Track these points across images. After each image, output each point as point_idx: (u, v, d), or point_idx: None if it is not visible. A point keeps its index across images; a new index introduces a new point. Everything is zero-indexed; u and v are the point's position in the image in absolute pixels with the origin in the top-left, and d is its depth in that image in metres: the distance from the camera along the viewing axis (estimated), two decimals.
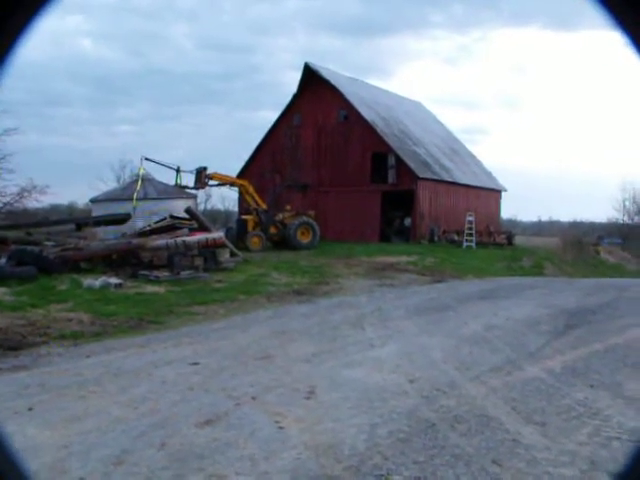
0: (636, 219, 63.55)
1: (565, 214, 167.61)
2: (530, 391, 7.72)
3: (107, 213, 26.88)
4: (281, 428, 5.93)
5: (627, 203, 63.40)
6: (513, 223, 77.90)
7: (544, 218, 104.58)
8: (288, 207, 32.69)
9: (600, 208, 74.27)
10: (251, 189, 31.15)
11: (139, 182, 28.41)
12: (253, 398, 6.85)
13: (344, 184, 39.93)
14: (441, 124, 53.39)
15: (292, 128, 42.39)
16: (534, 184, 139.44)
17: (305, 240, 31.56)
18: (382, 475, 5.01)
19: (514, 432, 6.26)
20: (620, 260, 48.40)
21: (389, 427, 6.14)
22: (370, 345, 9.91)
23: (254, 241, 29.63)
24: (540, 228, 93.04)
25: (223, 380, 7.59)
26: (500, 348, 10.01)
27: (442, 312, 13.65)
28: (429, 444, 5.77)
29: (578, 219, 76.59)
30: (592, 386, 8.17)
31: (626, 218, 64.15)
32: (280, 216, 31.71)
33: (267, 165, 41.84)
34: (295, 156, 41.33)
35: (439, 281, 22.51)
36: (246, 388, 7.21)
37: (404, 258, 29.59)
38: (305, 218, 31.98)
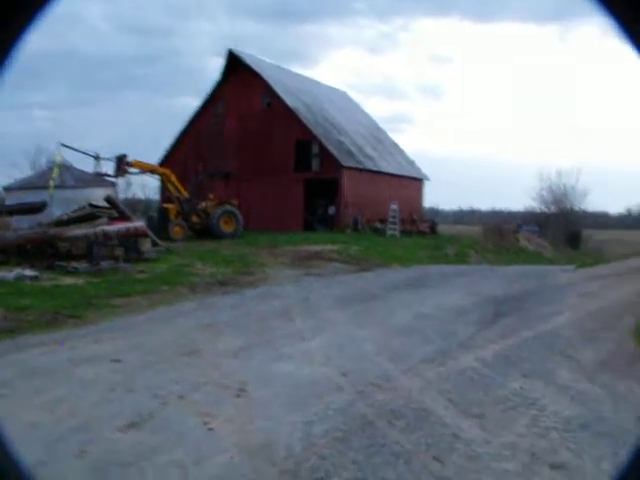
0: (552, 208, 65.38)
1: (484, 203, 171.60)
2: (465, 382, 7.60)
3: (21, 201, 25.64)
4: (211, 429, 5.56)
5: (544, 193, 65.16)
6: (435, 212, 79.07)
7: (464, 207, 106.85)
8: (211, 196, 32.03)
9: (518, 197, 76.47)
10: (173, 177, 30.36)
11: (56, 169, 27.17)
12: (180, 397, 6.44)
13: (268, 172, 39.45)
14: (365, 113, 53.49)
15: (215, 115, 41.57)
16: (455, 173, 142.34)
17: (228, 229, 31.01)
18: (321, 478, 4.73)
19: (453, 426, 6.09)
20: (538, 247, 49.74)
21: (325, 425, 5.86)
22: (300, 337, 9.62)
23: (176, 230, 28.90)
24: (461, 217, 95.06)
25: (147, 378, 7.14)
26: (431, 338, 9.89)
27: (370, 302, 13.50)
28: (367, 442, 5.52)
29: (497, 208, 78.54)
30: (525, 375, 8.13)
31: (543, 207, 65.93)
32: (203, 205, 31.03)
33: (190, 153, 40.88)
34: (218, 144, 40.53)
35: (365, 270, 22.44)
36: (172, 386, 6.79)
37: (329, 247, 29.41)
38: (228, 207, 31.42)
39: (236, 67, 40.53)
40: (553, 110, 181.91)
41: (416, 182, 49.57)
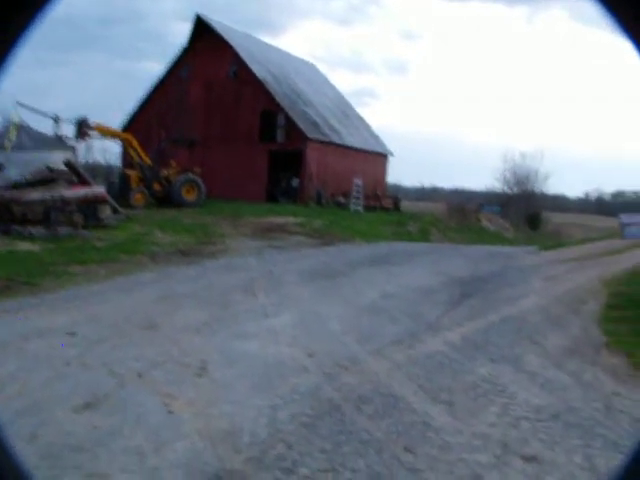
0: (514, 189, 65.92)
1: (446, 182, 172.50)
2: (434, 366, 7.41)
3: None
4: (171, 412, 5.25)
5: (507, 174, 65.61)
6: (397, 188, 79.10)
7: (427, 184, 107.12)
8: (173, 163, 31.34)
9: (479, 177, 77.05)
10: (135, 143, 29.57)
11: (12, 130, 26.18)
12: (139, 375, 6.11)
13: (232, 142, 38.80)
14: (332, 86, 52.90)
15: (181, 82, 40.57)
16: (418, 150, 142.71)
17: (190, 198, 30.46)
18: (288, 468, 4.48)
19: (423, 413, 5.89)
20: (499, 228, 50.20)
21: (291, 409, 5.60)
22: (264, 314, 9.33)
23: (137, 198, 28.25)
24: (422, 194, 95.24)
25: (104, 353, 6.78)
26: (399, 318, 9.70)
27: (336, 278, 13.26)
28: (335, 429, 5.28)
29: (459, 187, 78.93)
30: (493, 360, 7.98)
31: (506, 188, 66.43)
32: (165, 172, 30.36)
33: (153, 119, 39.80)
34: (182, 111, 39.64)
35: (328, 244, 22.22)
36: (130, 363, 6.45)
37: (292, 219, 29.12)
38: (191, 175, 30.82)
39: (203, 33, 39.52)
40: (518, 92, 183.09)
41: (381, 157, 49.36)
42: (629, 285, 15.06)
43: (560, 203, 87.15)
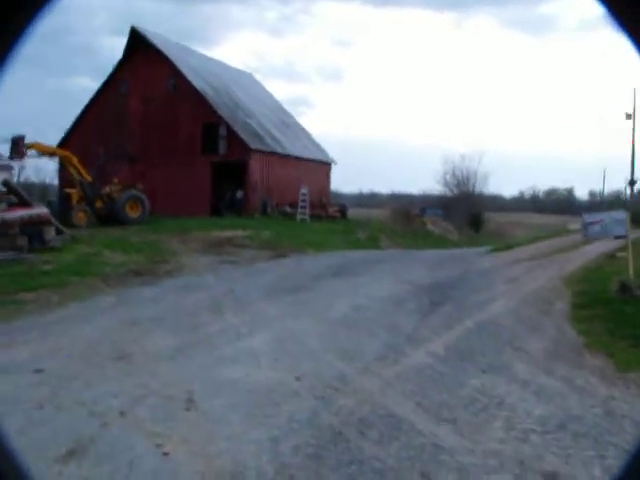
0: (455, 191, 66.72)
1: (384, 187, 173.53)
2: (426, 381, 7.12)
3: None
4: (166, 454, 4.78)
5: (448, 176, 66.37)
6: (337, 195, 79.21)
7: (365, 190, 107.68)
8: (115, 180, 30.41)
9: (417, 181, 77.91)
10: (75, 160, 28.55)
11: None
12: (121, 414, 5.59)
13: (174, 156, 37.92)
14: (271, 96, 52.49)
15: (118, 96, 39.49)
16: (356, 157, 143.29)
17: (134, 215, 29.60)
18: None
19: (429, 434, 5.58)
20: (443, 230, 50.60)
21: (292, 440, 5.21)
22: (237, 334, 8.87)
23: (80, 216, 27.26)
24: (361, 200, 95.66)
25: (78, 391, 6.22)
26: (376, 332, 9.38)
27: (300, 292, 12.87)
28: (344, 459, 4.91)
29: (397, 191, 79.64)
30: (484, 371, 7.76)
31: (447, 190, 67.18)
32: (107, 189, 29.42)
33: (91, 135, 38.52)
34: (121, 126, 38.59)
35: (282, 256, 21.81)
36: (109, 400, 5.93)
37: (240, 232, 28.54)
38: (134, 191, 29.95)
39: (140, 46, 38.49)
40: (451, 95, 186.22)
41: (323, 166, 49.14)
42: (589, 283, 15.15)
43: (497, 203, 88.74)
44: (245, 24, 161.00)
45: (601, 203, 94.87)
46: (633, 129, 50.57)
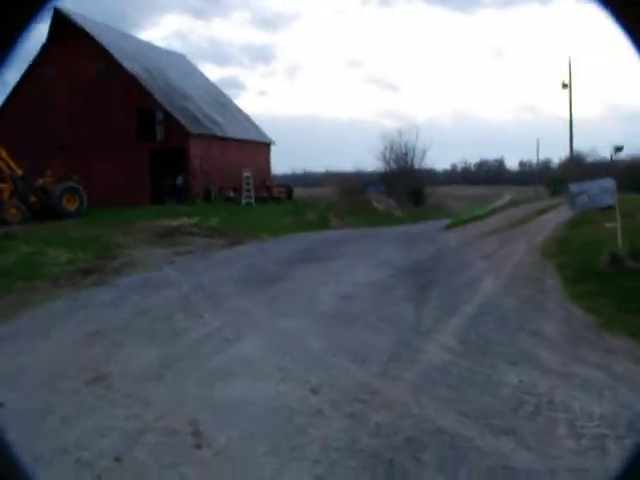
0: (393, 166, 66.28)
1: (317, 165, 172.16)
2: (457, 382, 6.20)
3: None
4: None
5: (387, 152, 65.80)
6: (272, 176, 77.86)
7: (298, 170, 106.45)
8: (49, 172, 28.52)
9: (350, 158, 77.35)
10: (4, 154, 26.59)
11: None
12: (117, 460, 4.46)
13: (108, 144, 35.93)
14: (206, 78, 50.66)
15: (43, 83, 37.09)
16: (289, 136, 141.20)
17: (71, 208, 27.94)
18: None
19: (493, 452, 4.67)
20: (388, 207, 49.94)
21: (339, 476, 4.20)
22: (225, 340, 7.75)
23: (12, 213, 25.43)
24: (295, 180, 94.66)
25: (54, 431, 5.02)
26: (377, 325, 8.42)
27: (276, 283, 11.80)
28: None
29: (330, 169, 78.91)
30: (512, 363, 6.90)
31: (386, 166, 66.67)
32: (40, 182, 27.60)
33: (17, 126, 36.06)
34: (50, 114, 36.25)
35: (238, 243, 20.68)
36: (98, 442, 4.76)
37: (186, 220, 27.23)
38: (70, 183, 28.22)
39: (65, 29, 36.11)
40: (380, 71, 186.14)
41: (264, 147, 47.84)
42: (569, 255, 14.54)
43: (431, 177, 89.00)
44: (169, 6, 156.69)
45: (531, 172, 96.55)
46: (570, 97, 50.94)
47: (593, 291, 10.71)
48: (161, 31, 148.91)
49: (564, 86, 49.93)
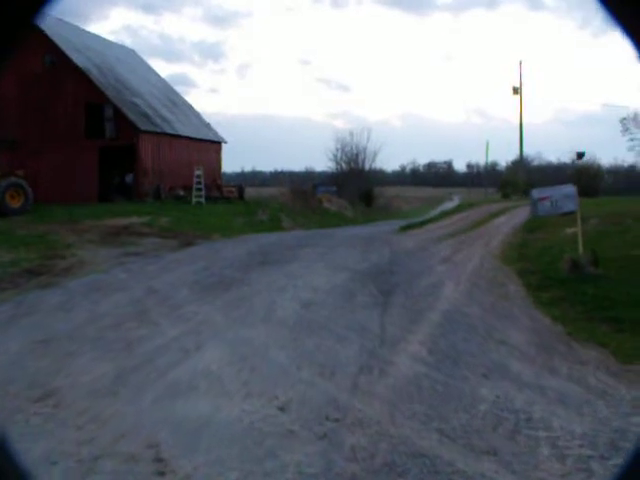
0: (344, 167, 66.25)
1: (265, 165, 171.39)
2: (432, 397, 5.92)
3: None
4: None
5: (339, 153, 65.73)
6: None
7: (247, 169, 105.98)
8: None
9: (299, 158, 77.41)
10: None
11: None
12: None
13: (55, 140, 34.72)
14: (156, 73, 49.53)
15: None
16: (236, 135, 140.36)
17: (16, 204, 26.81)
18: None
19: (477, 475, 4.38)
20: (339, 208, 49.79)
21: None
22: (183, 350, 7.30)
23: None
24: (244, 179, 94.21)
25: None
26: (342, 334, 8.09)
27: (232, 287, 11.36)
28: None
29: (279, 169, 78.85)
30: (485, 376, 6.64)
31: (338, 167, 66.60)
32: None
33: None
34: None
35: (189, 244, 20.09)
36: (47, 470, 4.31)
37: (135, 219, 26.47)
38: (14, 179, 27.09)
39: None
40: (331, 70, 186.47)
41: (215, 145, 47.03)
42: (527, 261, 14.50)
43: (380, 177, 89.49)
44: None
45: (478, 174, 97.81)
46: (520, 101, 51.64)
47: (557, 298, 10.61)
48: (109, 25, 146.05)
49: (515, 91, 50.56)
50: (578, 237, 12.40)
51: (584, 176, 44.91)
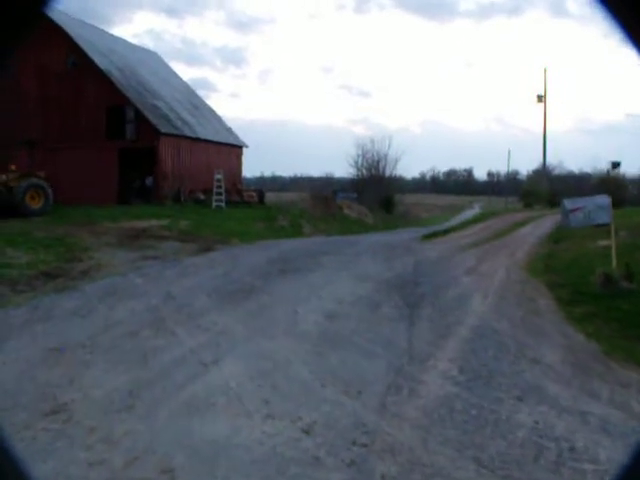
0: (366, 174, 65.92)
1: (284, 170, 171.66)
2: (466, 422, 5.51)
3: None
4: None
5: (360, 160, 65.45)
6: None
7: (267, 174, 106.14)
8: (12, 167, 27.31)
9: (319, 164, 77.39)
10: None
11: None
12: None
13: (76, 141, 34.69)
14: (178, 77, 49.54)
15: (8, 74, 35.67)
16: (258, 140, 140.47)
17: (36, 205, 26.71)
18: None
19: None
20: (359, 214, 49.41)
21: None
22: (201, 364, 6.96)
23: None
24: (263, 184, 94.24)
25: None
26: (367, 349, 7.70)
27: (252, 296, 11.01)
28: None
29: (298, 174, 78.82)
30: (519, 398, 6.23)
31: (359, 174, 66.29)
32: (3, 178, 26.39)
33: None
34: (14, 107, 34.85)
35: (209, 249, 19.78)
36: None
37: (155, 222, 26.27)
38: (35, 180, 26.98)
39: None
40: (357, 78, 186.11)
41: (236, 149, 46.88)
42: (556, 273, 14.04)
43: (400, 184, 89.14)
44: (141, 3, 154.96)
45: (499, 183, 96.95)
46: (545, 109, 50.99)
47: (590, 314, 10.16)
48: (133, 28, 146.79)
49: (539, 99, 49.91)
50: (612, 250, 11.93)
51: (610, 186, 44.12)
